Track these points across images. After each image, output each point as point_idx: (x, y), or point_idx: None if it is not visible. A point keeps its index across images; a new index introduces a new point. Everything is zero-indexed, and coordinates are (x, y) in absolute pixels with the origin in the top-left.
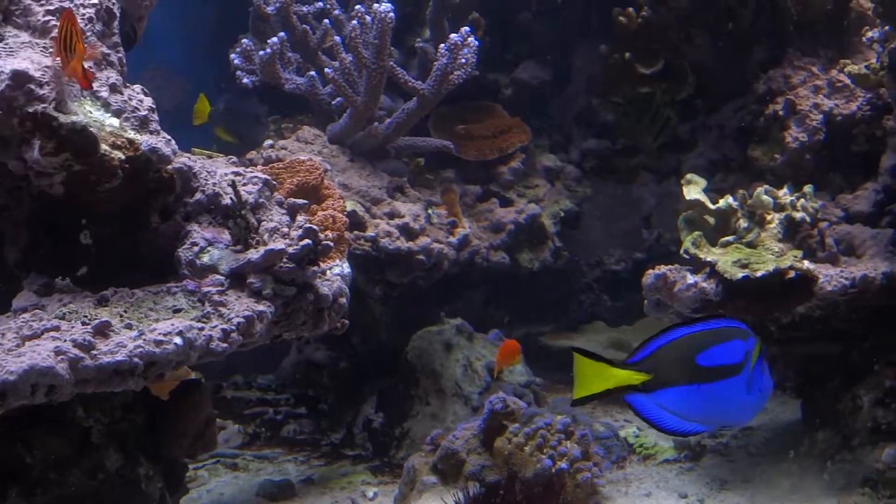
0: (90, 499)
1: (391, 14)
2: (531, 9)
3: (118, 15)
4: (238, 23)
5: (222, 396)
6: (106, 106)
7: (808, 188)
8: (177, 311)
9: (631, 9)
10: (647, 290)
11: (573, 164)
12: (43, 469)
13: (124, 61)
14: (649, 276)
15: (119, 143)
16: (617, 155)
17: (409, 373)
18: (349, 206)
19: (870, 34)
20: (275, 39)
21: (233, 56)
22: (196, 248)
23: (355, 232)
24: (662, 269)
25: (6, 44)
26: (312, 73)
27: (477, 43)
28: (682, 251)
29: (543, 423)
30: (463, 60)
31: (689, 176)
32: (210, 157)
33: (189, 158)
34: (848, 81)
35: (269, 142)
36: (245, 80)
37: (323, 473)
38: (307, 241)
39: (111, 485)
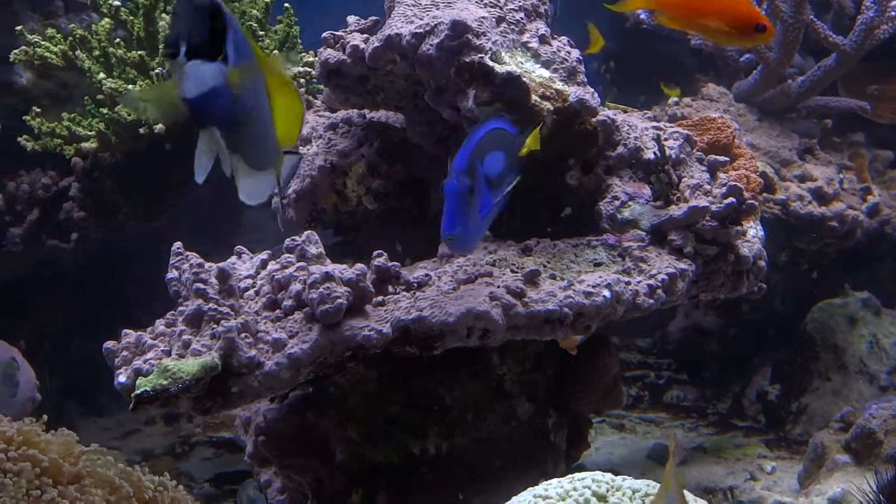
0: (503, 443)
1: None
2: None
3: None
4: None
5: None
6: (536, 57)
7: None
8: (597, 264)
9: None
10: None
11: None
12: (461, 410)
13: (550, 12)
14: None
15: (548, 93)
16: None
17: (807, 346)
18: (759, 166)
19: None
20: None
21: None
22: (617, 203)
23: (764, 194)
24: None
25: None
26: None
27: None
28: None
29: None
30: (892, 13)
31: None
32: (625, 111)
33: (611, 112)
34: None
35: (674, 98)
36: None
37: (714, 442)
38: (731, 199)
39: (522, 432)
